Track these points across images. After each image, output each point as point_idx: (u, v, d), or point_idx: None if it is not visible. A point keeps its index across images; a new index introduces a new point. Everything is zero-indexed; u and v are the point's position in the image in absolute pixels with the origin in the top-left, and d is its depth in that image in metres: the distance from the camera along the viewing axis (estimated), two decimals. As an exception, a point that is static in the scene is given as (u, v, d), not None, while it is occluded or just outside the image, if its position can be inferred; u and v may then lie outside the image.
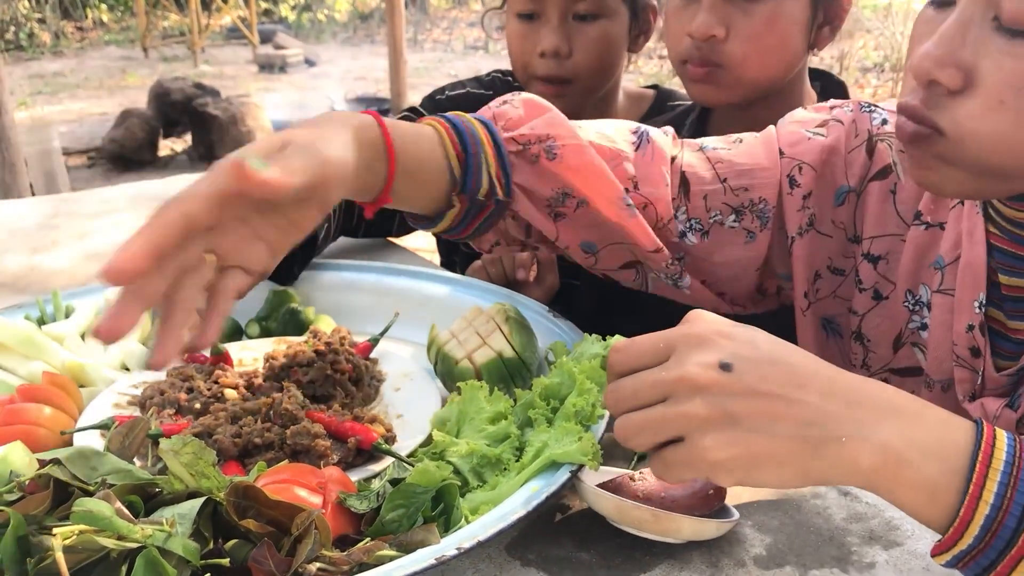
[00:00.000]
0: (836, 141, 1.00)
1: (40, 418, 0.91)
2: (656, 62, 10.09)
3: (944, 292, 0.91)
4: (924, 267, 0.94)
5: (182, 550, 0.64)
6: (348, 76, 11.07)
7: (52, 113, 8.75)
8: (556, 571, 0.78)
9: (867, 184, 0.99)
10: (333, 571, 0.67)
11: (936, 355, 0.93)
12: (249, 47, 12.43)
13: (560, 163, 0.94)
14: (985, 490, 0.60)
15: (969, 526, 0.61)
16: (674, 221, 1.01)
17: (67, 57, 12.90)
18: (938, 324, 0.92)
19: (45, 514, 0.68)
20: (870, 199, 0.98)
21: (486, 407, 0.90)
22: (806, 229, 1.01)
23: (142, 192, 1.98)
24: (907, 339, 0.97)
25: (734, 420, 0.62)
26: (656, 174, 1.00)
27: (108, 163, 7.41)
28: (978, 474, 0.61)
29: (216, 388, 0.96)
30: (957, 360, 0.89)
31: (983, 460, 0.61)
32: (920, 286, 0.95)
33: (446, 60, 11.84)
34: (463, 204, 0.92)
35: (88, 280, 1.41)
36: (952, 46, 0.72)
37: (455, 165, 0.90)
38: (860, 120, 1.01)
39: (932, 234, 0.94)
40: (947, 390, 0.92)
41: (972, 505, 0.60)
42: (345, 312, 1.22)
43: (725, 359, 0.63)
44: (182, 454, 0.73)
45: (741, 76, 1.25)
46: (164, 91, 7.91)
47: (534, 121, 0.96)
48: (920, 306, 0.95)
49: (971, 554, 0.61)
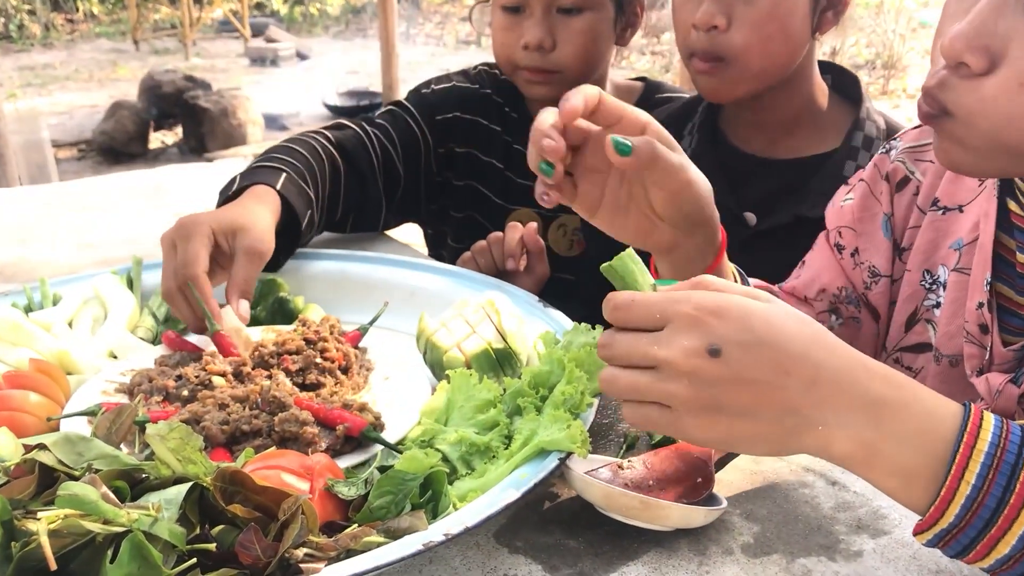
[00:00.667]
0: (864, 193, 1.08)
1: (26, 404, 0.90)
2: (649, 58, 10.09)
3: (961, 271, 0.94)
4: (943, 248, 0.98)
5: (168, 534, 0.64)
6: (340, 70, 11.03)
7: (42, 105, 8.70)
8: (544, 558, 0.78)
9: (893, 199, 1.05)
10: (320, 557, 0.67)
11: (947, 331, 0.95)
12: (240, 40, 12.38)
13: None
14: (967, 471, 0.62)
15: (950, 505, 0.62)
16: None
17: (57, 49, 12.83)
18: (951, 301, 0.95)
19: (30, 499, 0.68)
20: (897, 211, 1.05)
21: (475, 395, 0.89)
22: (871, 281, 1.07)
23: (133, 182, 1.97)
24: (921, 316, 1.01)
25: (717, 405, 0.64)
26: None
27: (98, 155, 7.38)
28: (961, 455, 0.62)
29: (204, 375, 0.95)
30: (967, 336, 0.91)
31: (967, 442, 0.62)
32: (939, 266, 0.98)
33: (438, 55, 11.81)
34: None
35: (76, 269, 1.41)
36: (985, 27, 0.71)
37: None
38: (880, 163, 1.07)
39: (950, 217, 0.98)
40: (955, 365, 0.94)
41: (953, 486, 0.62)
42: (334, 301, 1.21)
43: (714, 344, 0.64)
44: (169, 439, 0.73)
45: (746, 67, 1.24)
46: (155, 84, 7.88)
47: None
48: (937, 285, 0.98)
49: (952, 533, 0.63)
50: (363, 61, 11.32)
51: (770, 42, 1.23)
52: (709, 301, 0.66)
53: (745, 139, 1.37)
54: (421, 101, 1.59)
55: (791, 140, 1.35)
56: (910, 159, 1.05)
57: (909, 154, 1.05)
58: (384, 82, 8.56)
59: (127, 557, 0.62)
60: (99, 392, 0.97)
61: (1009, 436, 0.62)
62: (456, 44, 12.56)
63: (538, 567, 0.77)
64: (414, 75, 10.08)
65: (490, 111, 1.60)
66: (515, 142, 1.60)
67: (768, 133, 1.35)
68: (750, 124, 1.37)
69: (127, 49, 12.57)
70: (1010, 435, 0.63)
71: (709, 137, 1.38)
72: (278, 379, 0.93)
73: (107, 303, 1.16)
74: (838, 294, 1.09)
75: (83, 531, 0.63)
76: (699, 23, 1.24)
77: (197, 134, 7.44)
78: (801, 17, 1.24)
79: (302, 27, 14.28)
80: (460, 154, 1.59)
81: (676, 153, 0.85)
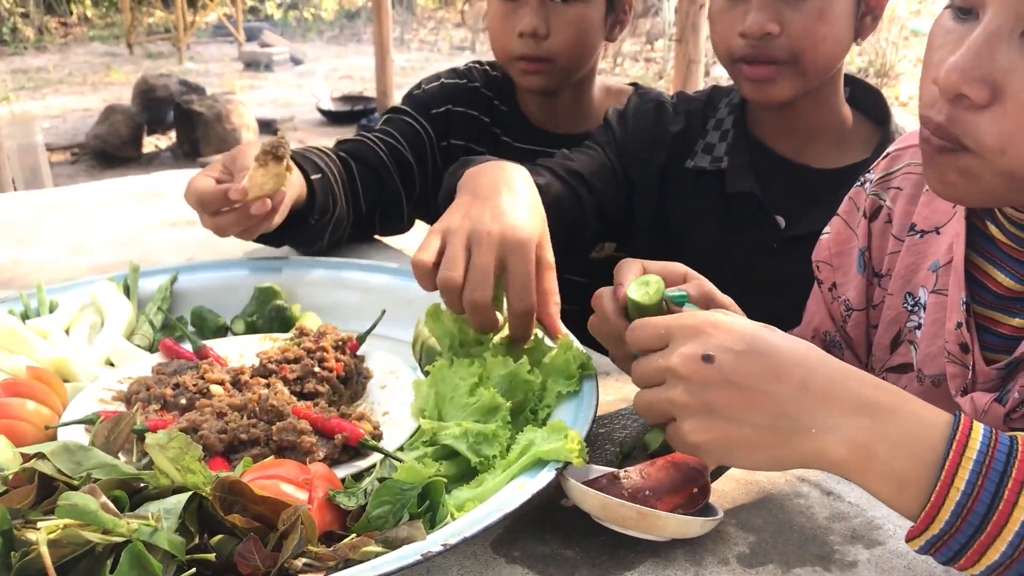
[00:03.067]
0: (839, 227, 1.11)
1: (23, 412, 0.90)
2: (642, 64, 10.12)
3: (938, 292, 0.96)
4: (922, 270, 0.99)
5: (167, 544, 0.64)
6: (334, 75, 11.04)
7: (35, 109, 8.68)
8: (541, 568, 0.78)
9: (870, 229, 1.07)
10: (319, 566, 0.67)
11: (928, 352, 0.97)
12: (235, 44, 12.37)
13: None
14: (957, 478, 0.63)
15: (940, 511, 0.63)
16: None
17: (51, 52, 12.80)
18: (931, 322, 0.96)
19: (29, 508, 0.68)
20: (874, 238, 1.07)
21: (460, 383, 0.90)
22: (845, 315, 1.10)
23: (127, 187, 1.97)
24: (904, 338, 1.02)
25: (710, 408, 0.68)
26: None
27: (92, 159, 7.37)
28: (950, 462, 0.63)
29: (202, 384, 0.95)
30: (948, 356, 0.92)
31: (956, 449, 0.63)
32: (919, 288, 1.00)
33: (432, 60, 11.82)
34: None
35: (72, 275, 1.41)
36: (979, 59, 0.71)
37: None
38: (856, 196, 1.10)
39: (928, 240, 0.99)
40: (938, 385, 0.95)
41: (943, 492, 0.63)
42: (331, 309, 1.22)
43: (708, 351, 0.68)
44: (168, 448, 0.73)
45: (801, 71, 1.26)
46: (149, 88, 7.87)
47: None
48: (918, 307, 1.00)
49: (942, 539, 0.64)
50: (357, 66, 11.33)
51: (823, 44, 1.25)
52: (710, 315, 0.70)
53: (775, 140, 1.39)
54: (414, 100, 1.65)
55: (816, 148, 1.37)
56: (881, 189, 1.06)
57: (880, 185, 1.07)
58: (378, 87, 8.56)
59: (127, 567, 0.62)
60: (96, 400, 0.97)
61: (997, 445, 0.64)
62: (450, 50, 12.57)
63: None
64: (408, 80, 10.07)
65: (479, 103, 1.65)
66: (504, 134, 1.65)
67: (795, 139, 1.37)
68: (778, 129, 1.39)
69: (121, 53, 12.56)
70: (998, 444, 0.64)
71: (742, 134, 1.40)
72: (276, 388, 0.93)
73: (104, 310, 1.16)
74: (828, 336, 1.13)
75: (83, 541, 0.63)
76: (749, 32, 1.24)
77: (191, 139, 7.43)
78: (846, 20, 1.27)
79: (296, 32, 14.28)
80: (457, 147, 1.63)
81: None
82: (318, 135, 8.22)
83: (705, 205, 1.40)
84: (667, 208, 1.43)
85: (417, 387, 0.95)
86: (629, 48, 10.11)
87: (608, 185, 1.39)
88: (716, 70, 8.63)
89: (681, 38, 4.53)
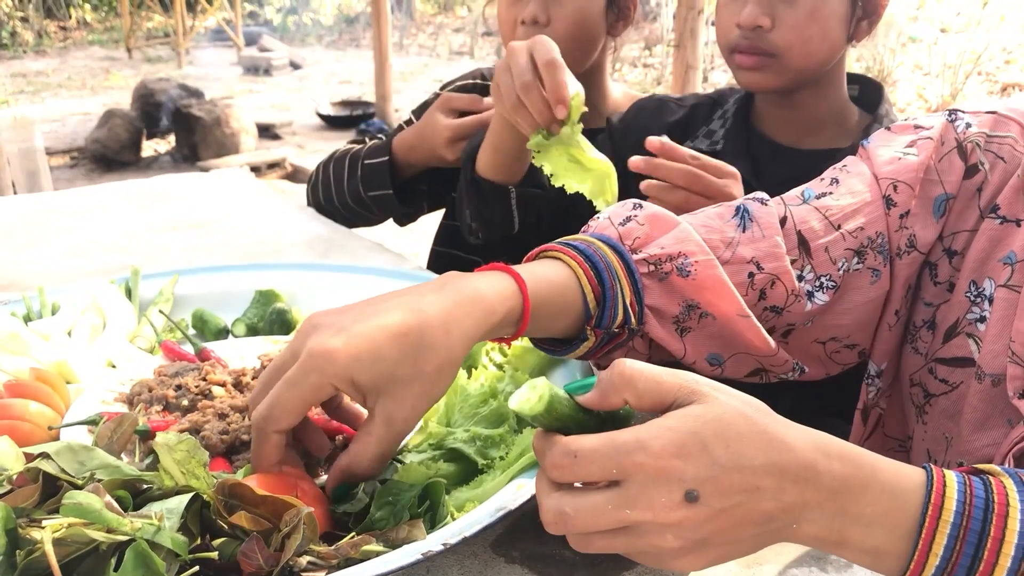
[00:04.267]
0: (927, 157, 1.00)
1: (27, 413, 0.91)
2: (641, 71, 10.14)
3: (1011, 287, 0.91)
4: (993, 260, 0.94)
5: (171, 543, 0.65)
6: (333, 79, 11.06)
7: (34, 112, 8.69)
8: (540, 568, 0.79)
9: (962, 185, 0.99)
10: (321, 565, 0.68)
11: (992, 349, 0.92)
12: (234, 49, 12.40)
13: (693, 281, 0.93)
14: (935, 543, 0.62)
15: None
16: (800, 285, 0.99)
17: (50, 56, 12.83)
18: (998, 319, 0.92)
19: (34, 507, 0.69)
20: (959, 198, 0.99)
21: (469, 392, 0.91)
22: (907, 250, 1.00)
23: (127, 191, 1.98)
24: (962, 329, 0.97)
25: (705, 543, 0.62)
26: (772, 247, 0.98)
27: (91, 163, 7.38)
28: (927, 528, 0.62)
29: (204, 385, 0.96)
30: (1012, 357, 0.88)
31: (932, 514, 0.62)
32: (986, 279, 0.95)
33: (431, 65, 11.85)
34: (598, 336, 0.90)
35: (73, 278, 1.41)
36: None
37: (592, 304, 0.88)
38: (946, 131, 1.00)
39: (1006, 229, 0.94)
40: (997, 385, 0.91)
41: (922, 560, 0.62)
42: (332, 312, 1.22)
43: (689, 488, 0.61)
44: (176, 450, 0.73)
45: (787, 65, 1.34)
46: (148, 92, 7.89)
47: (662, 239, 0.95)
48: (982, 298, 0.95)
49: None
50: (356, 71, 11.35)
51: (810, 43, 1.33)
52: (664, 444, 0.61)
53: (774, 131, 1.47)
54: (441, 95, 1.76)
55: (815, 138, 1.43)
56: (984, 146, 0.97)
57: (986, 141, 0.97)
58: (377, 92, 8.59)
59: (131, 565, 0.63)
60: (99, 401, 0.98)
61: (974, 501, 0.62)
62: (449, 55, 12.60)
63: (534, 577, 0.78)
64: (407, 85, 10.10)
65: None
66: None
67: (795, 129, 1.45)
68: (779, 119, 1.46)
69: (120, 57, 12.59)
70: (974, 499, 0.62)
71: (742, 122, 1.48)
72: (277, 390, 0.93)
73: (105, 313, 1.17)
74: (873, 238, 1.00)
75: (87, 539, 0.64)
76: (744, 23, 1.34)
77: (190, 143, 7.45)
78: (839, 22, 1.34)
79: (295, 36, 14.32)
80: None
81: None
82: (317, 140, 8.24)
83: None
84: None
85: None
86: (628, 54, 10.14)
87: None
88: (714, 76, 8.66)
89: (679, 44, 4.55)
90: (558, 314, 0.87)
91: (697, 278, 0.93)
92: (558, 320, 0.88)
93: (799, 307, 0.98)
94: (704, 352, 0.97)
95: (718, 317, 0.94)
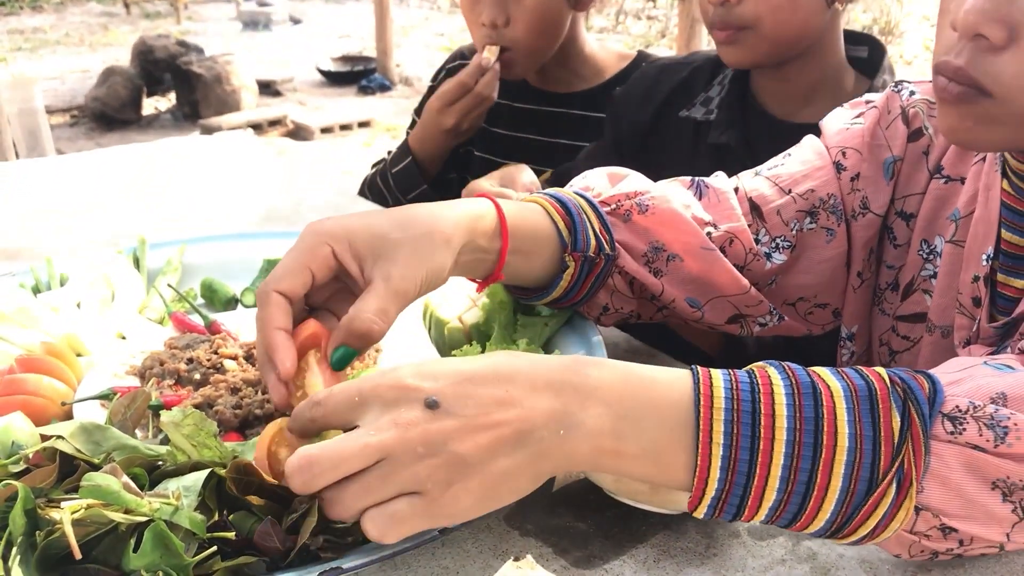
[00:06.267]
0: (873, 122, 1.04)
1: (40, 388, 0.91)
2: (645, 23, 10.02)
3: (956, 243, 0.95)
4: (941, 218, 0.98)
5: (189, 523, 0.65)
6: (333, 34, 10.95)
7: (32, 70, 8.63)
8: (554, 541, 0.79)
9: (907, 148, 1.02)
10: (338, 543, 0.68)
11: (940, 302, 0.96)
12: (232, 4, 12.26)
13: (652, 216, 0.99)
14: (714, 432, 0.61)
15: (710, 471, 0.61)
16: (758, 247, 1.03)
17: (47, 12, 12.69)
18: (945, 273, 0.96)
19: (51, 487, 0.69)
20: (906, 161, 1.02)
21: None
22: (861, 212, 1.04)
23: (131, 155, 1.97)
24: (918, 286, 1.01)
25: (463, 461, 0.60)
26: (728, 209, 1.03)
27: (91, 122, 7.34)
28: (704, 419, 0.61)
29: (216, 359, 0.96)
30: (960, 308, 0.92)
31: (705, 404, 0.62)
32: (936, 236, 0.99)
33: (432, 19, 11.72)
34: (577, 262, 0.94)
35: (79, 246, 1.41)
36: (998, 1, 0.71)
37: (563, 228, 0.93)
38: (891, 99, 1.05)
39: (951, 187, 0.98)
40: (946, 336, 0.96)
41: (706, 451, 0.61)
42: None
43: (428, 397, 0.61)
44: (183, 426, 0.74)
45: (760, 36, 1.31)
46: (147, 49, 7.82)
47: (620, 184, 1.03)
48: (934, 255, 0.99)
49: (721, 497, 0.62)
50: (357, 25, 11.23)
51: (780, 11, 1.28)
52: (402, 370, 0.62)
53: (768, 101, 1.44)
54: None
55: (810, 108, 1.40)
56: (926, 112, 1.02)
57: (927, 106, 1.02)
58: (378, 47, 8.51)
59: (150, 546, 0.63)
60: (110, 375, 0.98)
61: (739, 387, 0.62)
62: (451, 7, 12.45)
63: (548, 549, 0.78)
64: (408, 40, 10.00)
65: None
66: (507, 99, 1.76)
67: (789, 100, 1.41)
68: (773, 91, 1.43)
69: (118, 13, 12.46)
70: (740, 385, 0.63)
71: (738, 93, 1.45)
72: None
73: (114, 284, 1.16)
74: (825, 199, 1.04)
75: (105, 520, 0.64)
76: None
77: (190, 100, 7.40)
78: None
79: (295, -10, 14.13)
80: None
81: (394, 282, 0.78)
82: (318, 96, 8.18)
83: (688, 154, 1.46)
84: (650, 159, 1.48)
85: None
86: (632, 4, 10.01)
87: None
88: (719, 28, 8.56)
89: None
90: (533, 237, 0.91)
91: (656, 213, 0.99)
92: (535, 248, 0.92)
93: (759, 265, 1.03)
94: (682, 294, 1.02)
95: (683, 256, 0.99)
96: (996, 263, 0.89)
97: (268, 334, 0.75)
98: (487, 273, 0.91)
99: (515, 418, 0.61)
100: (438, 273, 0.81)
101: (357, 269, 0.78)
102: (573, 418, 0.62)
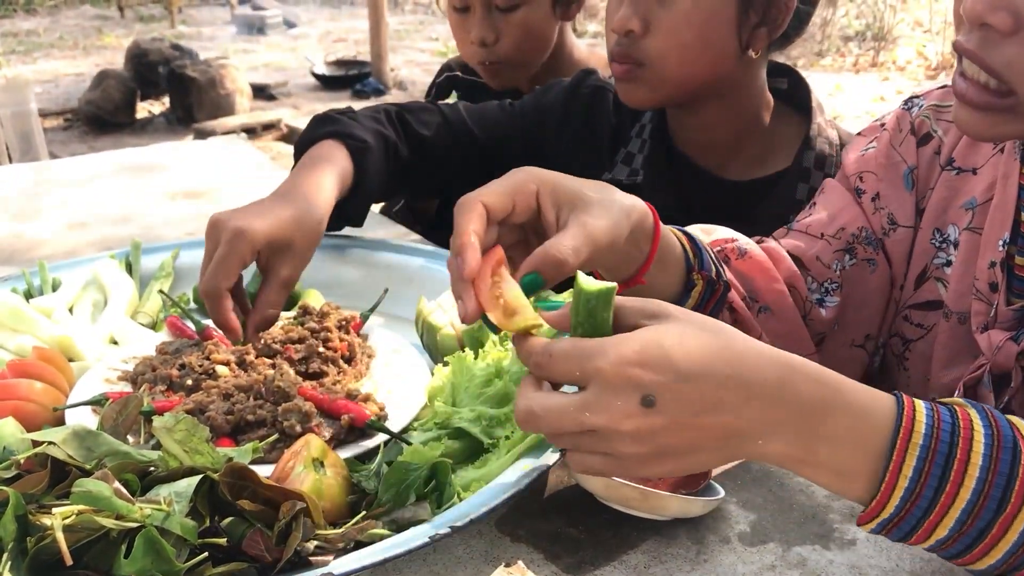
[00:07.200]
0: (886, 144, 1.07)
1: (32, 393, 0.91)
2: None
3: (973, 230, 0.97)
4: (954, 207, 1.00)
5: (180, 529, 0.65)
6: (328, 38, 10.95)
7: (26, 73, 8.61)
8: (545, 546, 0.79)
9: (918, 153, 1.05)
10: (328, 549, 0.68)
11: (956, 289, 0.98)
12: (227, 7, 12.25)
13: (749, 260, 1.03)
14: (905, 465, 0.64)
15: (890, 499, 0.65)
16: (809, 296, 1.07)
17: (41, 15, 12.67)
18: (962, 260, 0.98)
19: (43, 493, 0.69)
20: (921, 166, 1.05)
21: (475, 373, 0.91)
22: (890, 228, 1.06)
23: (124, 159, 1.97)
24: (931, 274, 1.03)
25: (663, 451, 0.64)
26: (781, 257, 1.06)
27: (85, 125, 7.31)
28: (898, 451, 0.64)
29: (208, 364, 0.96)
30: (976, 294, 0.94)
31: (903, 436, 0.64)
32: (949, 226, 1.01)
33: (427, 23, 11.72)
34: (704, 280, 0.94)
35: (72, 250, 1.41)
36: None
37: (688, 248, 0.94)
38: (901, 117, 1.07)
39: (963, 178, 1.00)
40: (963, 323, 0.97)
41: (892, 480, 0.64)
42: (334, 287, 1.22)
43: (646, 394, 0.62)
44: (175, 431, 0.74)
45: (663, 74, 1.20)
46: (141, 52, 7.80)
47: (714, 233, 1.06)
48: (947, 244, 1.01)
49: (893, 521, 0.66)
50: (351, 29, 11.23)
51: (686, 50, 1.18)
52: (625, 351, 0.63)
53: (695, 154, 1.33)
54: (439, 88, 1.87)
55: (739, 160, 1.31)
56: (934, 117, 1.04)
57: (934, 112, 1.05)
58: (372, 51, 8.50)
59: (141, 552, 0.63)
60: (102, 380, 0.98)
61: (941, 425, 0.65)
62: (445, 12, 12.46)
63: (539, 555, 0.78)
64: (403, 44, 10.00)
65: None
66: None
67: (715, 151, 1.31)
68: (696, 142, 1.33)
69: (112, 16, 12.43)
70: (942, 424, 0.65)
71: (660, 145, 1.33)
72: (282, 369, 0.94)
73: (107, 288, 1.16)
74: (857, 234, 1.06)
75: (97, 526, 0.64)
76: (616, 28, 1.20)
77: (184, 104, 7.37)
78: (724, 28, 1.18)
79: (289, -6, 14.12)
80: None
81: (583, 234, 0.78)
82: (312, 100, 8.17)
83: None
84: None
85: (437, 371, 0.96)
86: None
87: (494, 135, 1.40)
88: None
89: None
90: (670, 250, 0.92)
91: (752, 258, 1.03)
92: (670, 262, 0.92)
93: (817, 313, 1.06)
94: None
95: (773, 309, 1.03)
96: (1013, 247, 0.91)
97: (463, 233, 0.75)
98: (629, 275, 0.90)
99: (725, 424, 0.64)
100: (619, 239, 0.82)
101: (553, 215, 0.79)
102: (777, 429, 0.65)
